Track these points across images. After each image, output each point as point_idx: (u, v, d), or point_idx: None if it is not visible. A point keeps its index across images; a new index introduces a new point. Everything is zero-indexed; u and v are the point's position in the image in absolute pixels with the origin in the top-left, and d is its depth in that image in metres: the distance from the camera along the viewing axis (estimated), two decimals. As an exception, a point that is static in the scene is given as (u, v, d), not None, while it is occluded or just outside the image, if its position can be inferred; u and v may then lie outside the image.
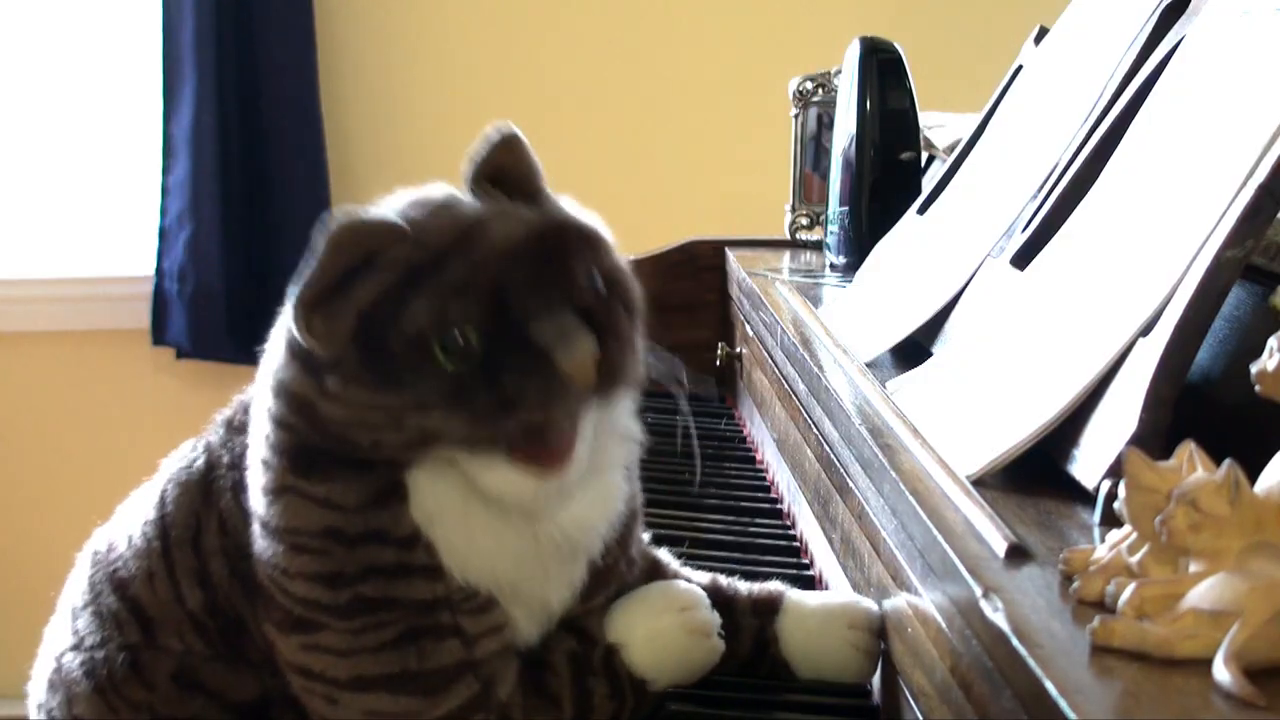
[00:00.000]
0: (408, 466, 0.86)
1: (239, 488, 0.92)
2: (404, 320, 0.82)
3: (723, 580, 1.05)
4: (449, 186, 0.90)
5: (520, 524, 0.89)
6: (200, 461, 0.96)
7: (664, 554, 1.07)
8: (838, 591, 1.10)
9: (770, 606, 1.03)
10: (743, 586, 1.05)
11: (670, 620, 0.97)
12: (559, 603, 0.94)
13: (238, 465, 0.93)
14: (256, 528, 0.90)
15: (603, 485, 0.93)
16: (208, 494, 0.94)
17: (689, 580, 1.04)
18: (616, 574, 0.98)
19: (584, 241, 0.87)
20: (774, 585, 1.05)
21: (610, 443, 0.93)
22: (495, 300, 0.82)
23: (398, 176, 1.01)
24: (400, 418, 0.83)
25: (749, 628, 1.01)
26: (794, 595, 1.04)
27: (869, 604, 1.01)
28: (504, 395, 0.82)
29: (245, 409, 0.95)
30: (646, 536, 1.07)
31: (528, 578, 0.91)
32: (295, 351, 0.86)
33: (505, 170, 0.90)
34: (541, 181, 0.91)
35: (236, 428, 0.95)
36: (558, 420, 0.84)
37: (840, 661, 1.00)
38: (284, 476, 0.88)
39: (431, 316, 0.82)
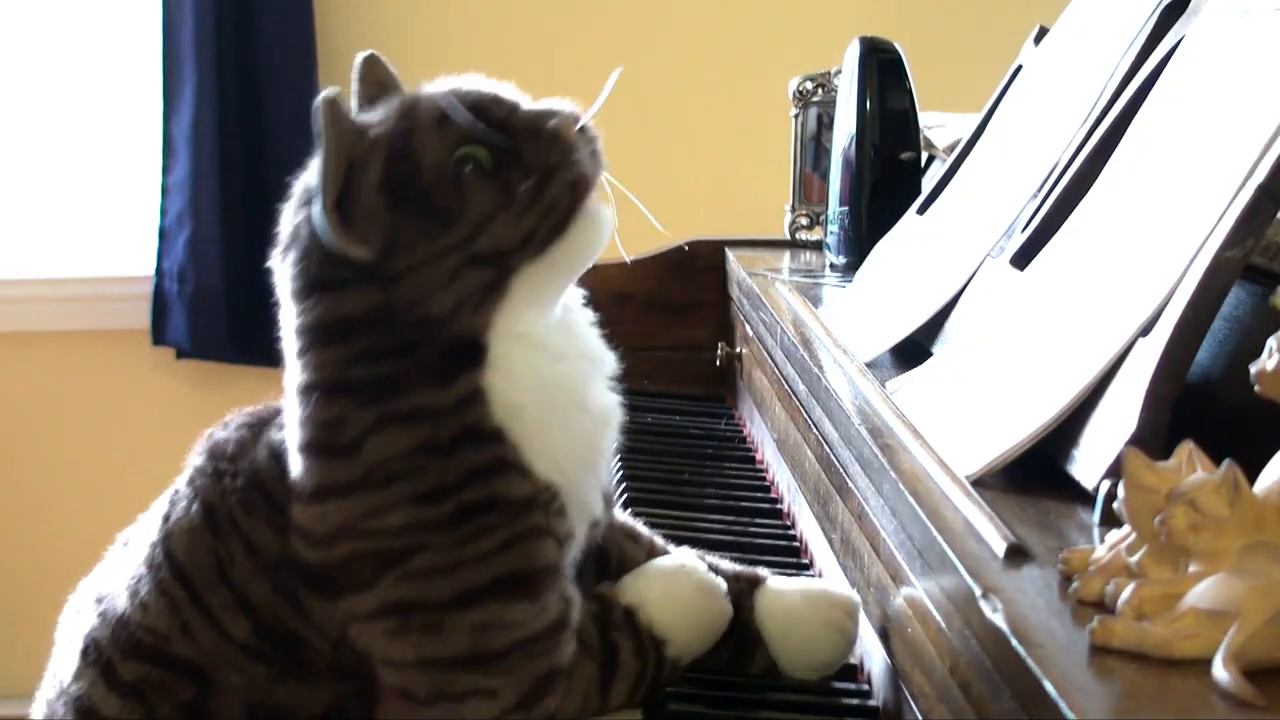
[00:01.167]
0: (484, 355, 0.91)
1: (259, 503, 0.94)
2: (422, 157, 0.91)
3: (706, 556, 1.07)
4: None
5: (577, 416, 0.95)
6: (195, 506, 0.95)
7: (643, 526, 1.09)
8: (821, 579, 1.11)
9: (752, 580, 1.05)
10: (726, 562, 1.06)
11: (681, 579, 1.00)
12: (598, 508, 0.99)
13: (251, 485, 0.94)
14: (324, 505, 0.91)
15: (608, 383, 0.99)
16: (217, 530, 0.94)
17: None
18: (611, 498, 1.04)
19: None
20: (759, 569, 1.07)
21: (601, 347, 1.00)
22: (474, 113, 0.92)
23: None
24: (471, 248, 0.90)
25: (729, 591, 1.02)
26: (777, 578, 1.06)
27: (850, 591, 1.03)
28: (535, 168, 0.92)
29: (229, 442, 0.97)
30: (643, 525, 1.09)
31: (582, 473, 0.96)
32: (341, 280, 0.91)
33: (384, 86, 0.98)
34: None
35: (229, 458, 0.96)
36: (588, 166, 0.94)
37: (812, 635, 1.01)
38: (362, 416, 0.90)
39: (441, 141, 0.91)
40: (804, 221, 1.85)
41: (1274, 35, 0.93)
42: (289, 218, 0.96)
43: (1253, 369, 0.71)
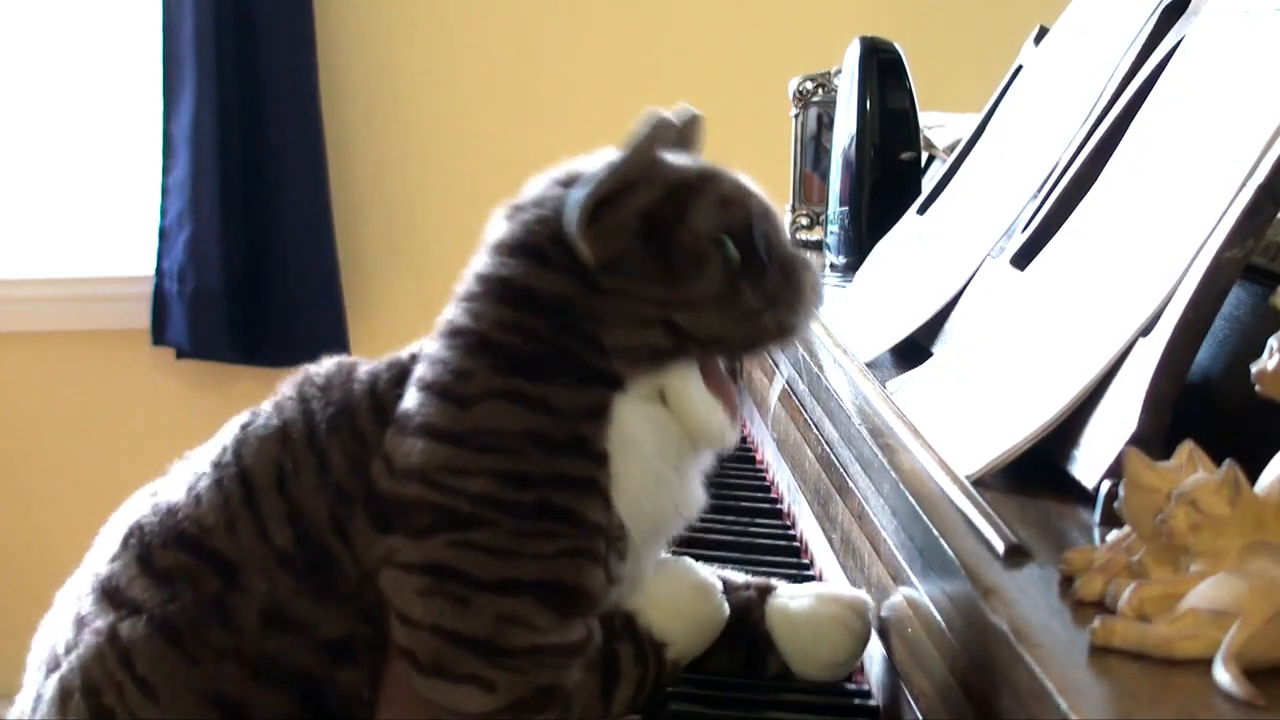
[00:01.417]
0: (625, 384, 0.93)
1: (344, 428, 0.96)
2: (694, 217, 0.93)
3: (719, 570, 1.06)
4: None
5: (675, 483, 0.96)
6: (274, 420, 0.98)
7: None
8: (833, 584, 1.11)
9: (763, 587, 1.05)
10: (737, 574, 1.07)
11: (678, 582, 1.01)
12: (646, 575, 0.99)
13: (342, 411, 0.97)
14: (418, 441, 0.93)
15: (701, 477, 1.00)
16: (287, 443, 0.97)
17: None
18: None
19: None
20: (770, 579, 1.07)
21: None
22: (754, 218, 0.95)
23: (398, 176, 1.02)
24: (672, 314, 0.92)
25: (739, 599, 1.03)
26: (788, 585, 1.06)
27: (860, 592, 1.03)
28: (765, 294, 0.94)
29: (320, 376, 1.00)
30: None
31: (654, 536, 0.98)
32: (549, 258, 0.93)
33: (687, 144, 1.01)
34: None
35: (320, 389, 0.99)
36: (801, 329, 0.96)
37: (820, 634, 1.01)
38: (490, 380, 0.93)
39: (716, 217, 0.94)
40: (804, 221, 1.85)
41: (1274, 35, 0.93)
42: (537, 186, 0.97)
43: (1253, 369, 0.71)
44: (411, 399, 0.95)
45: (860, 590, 1.03)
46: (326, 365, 1.01)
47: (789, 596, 1.03)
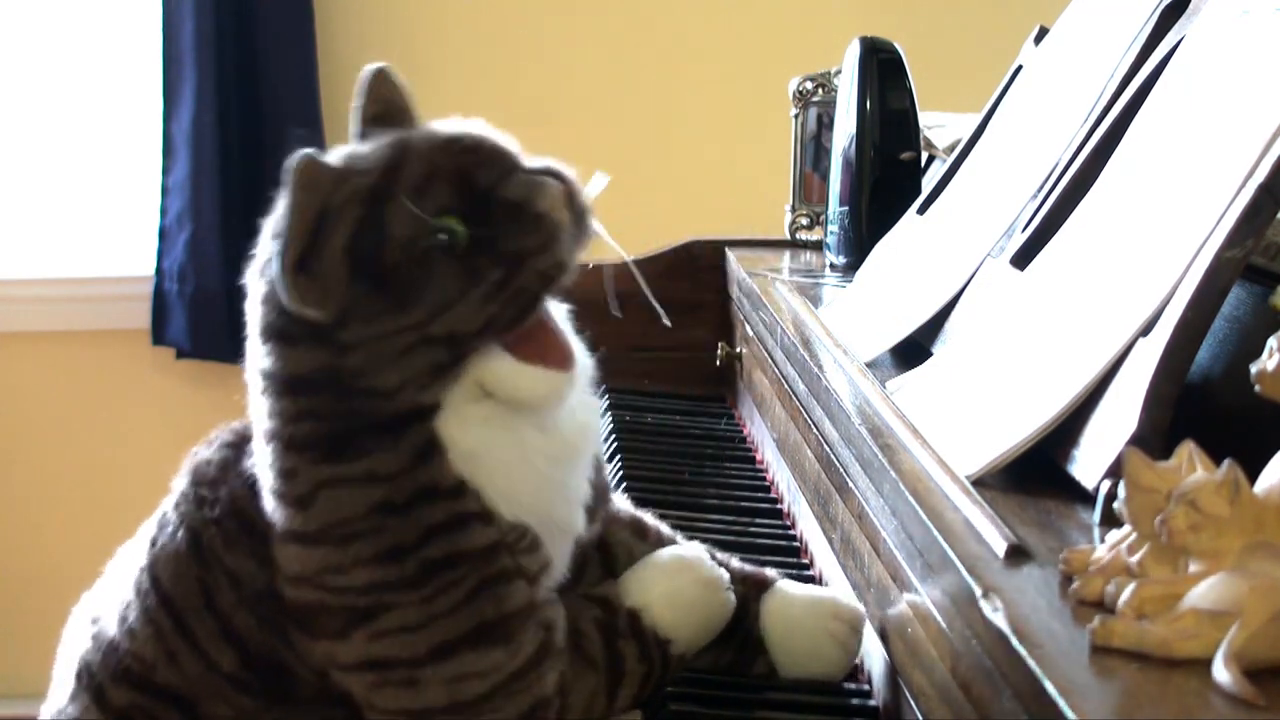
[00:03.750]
0: (435, 411, 0.89)
1: (238, 534, 0.93)
2: (392, 230, 0.87)
3: (716, 553, 1.05)
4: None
5: (543, 445, 0.92)
6: (180, 533, 0.95)
7: (649, 517, 1.08)
8: (828, 588, 1.11)
9: (759, 583, 1.04)
10: (735, 561, 1.05)
11: (685, 578, 0.99)
12: (580, 525, 0.97)
13: (229, 514, 0.93)
14: (289, 548, 0.90)
15: (585, 393, 0.97)
16: (201, 558, 0.94)
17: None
18: (605, 493, 1.02)
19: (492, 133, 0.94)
20: (768, 570, 1.06)
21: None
22: (460, 181, 0.88)
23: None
24: (428, 329, 0.87)
25: (735, 595, 1.02)
26: (785, 582, 1.05)
27: (856, 602, 1.02)
28: (508, 256, 0.87)
29: (211, 464, 0.96)
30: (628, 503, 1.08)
31: (556, 501, 0.94)
32: (293, 335, 0.89)
33: (390, 103, 0.96)
34: (417, 108, 0.97)
35: (209, 483, 0.95)
36: (567, 261, 0.89)
37: (814, 648, 1.01)
38: (314, 473, 0.89)
39: (417, 213, 0.87)
40: (804, 221, 1.85)
41: (1274, 35, 0.93)
42: (266, 243, 0.91)
43: (1253, 369, 0.71)
44: (268, 504, 0.92)
45: (856, 601, 1.03)
46: (216, 446, 0.97)
47: (783, 601, 1.02)
